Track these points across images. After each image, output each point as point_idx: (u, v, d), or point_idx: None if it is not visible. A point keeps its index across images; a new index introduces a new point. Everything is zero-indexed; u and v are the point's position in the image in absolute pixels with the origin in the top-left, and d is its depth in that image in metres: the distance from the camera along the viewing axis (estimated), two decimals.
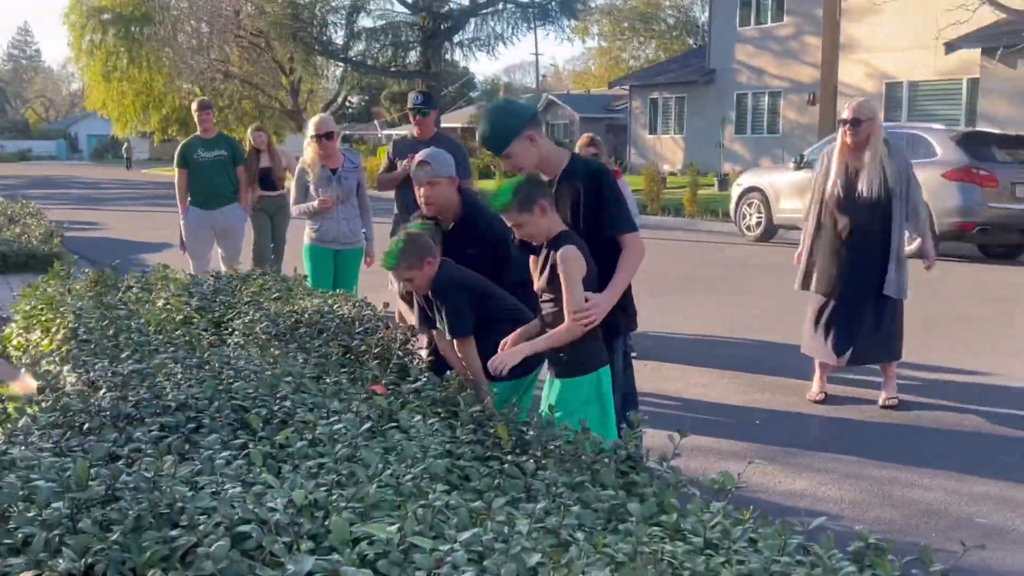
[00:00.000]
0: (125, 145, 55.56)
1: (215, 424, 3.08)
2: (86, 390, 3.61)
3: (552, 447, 3.06)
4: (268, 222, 8.58)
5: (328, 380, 3.70)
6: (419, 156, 4.53)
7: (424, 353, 4.29)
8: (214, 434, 2.97)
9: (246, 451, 2.80)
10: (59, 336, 5.17)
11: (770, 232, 15.13)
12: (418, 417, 3.23)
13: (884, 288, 5.71)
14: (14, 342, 6.15)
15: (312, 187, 6.66)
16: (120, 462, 2.70)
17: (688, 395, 6.15)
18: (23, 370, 5.91)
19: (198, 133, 8.52)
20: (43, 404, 3.44)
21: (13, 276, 10.46)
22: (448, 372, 3.85)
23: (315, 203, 6.56)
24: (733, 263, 12.67)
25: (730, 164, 28.01)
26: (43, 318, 5.72)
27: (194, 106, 8.59)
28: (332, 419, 3.08)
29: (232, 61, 35.66)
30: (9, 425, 3.23)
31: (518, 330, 3.83)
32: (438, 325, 4.07)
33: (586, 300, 3.48)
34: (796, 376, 6.55)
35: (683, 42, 48.09)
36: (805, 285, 6.05)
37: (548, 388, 3.71)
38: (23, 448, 2.81)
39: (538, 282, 3.64)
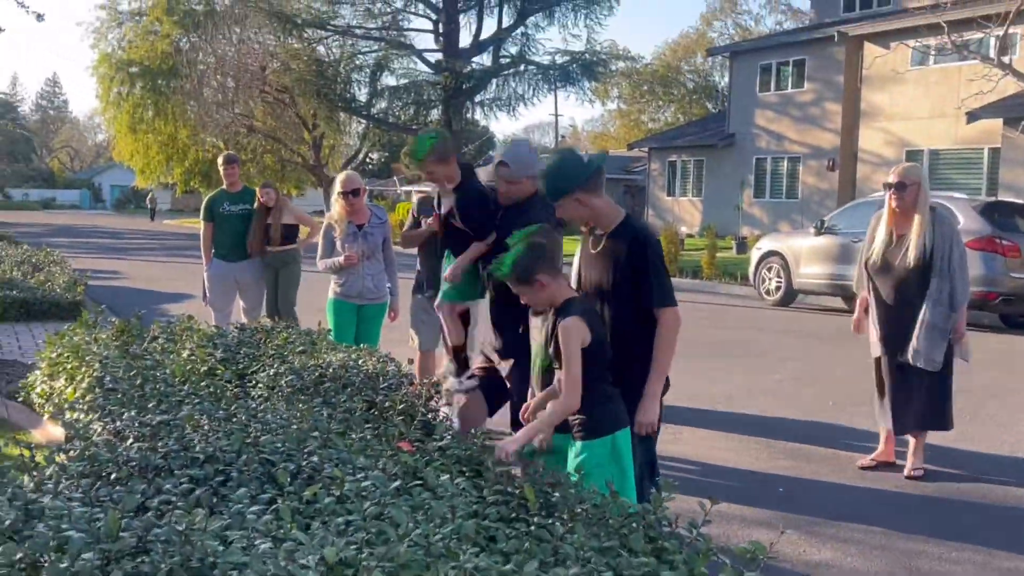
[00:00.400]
0: (149, 196, 55.94)
1: (243, 478, 3.08)
2: (113, 440, 3.62)
3: (579, 510, 3.04)
4: (275, 277, 8.53)
5: (354, 435, 3.69)
6: (498, 155, 4.58)
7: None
8: (242, 488, 2.97)
9: (274, 506, 2.80)
10: (84, 385, 5.19)
11: (790, 297, 15.10)
12: (445, 476, 3.21)
13: (911, 358, 5.65)
14: (38, 389, 6.18)
15: (338, 242, 6.71)
16: (149, 514, 2.70)
17: (710, 460, 6.09)
18: (45, 418, 5.93)
19: (224, 187, 8.61)
20: (71, 453, 3.45)
21: (36, 324, 10.54)
22: (474, 429, 3.84)
23: (340, 259, 6.61)
24: (753, 327, 12.64)
25: (748, 227, 28.08)
26: (68, 366, 5.74)
27: (220, 160, 8.70)
28: (359, 475, 3.07)
29: (256, 116, 36.09)
30: (36, 473, 3.23)
31: (541, 393, 3.80)
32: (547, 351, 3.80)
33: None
34: (819, 444, 6.51)
35: (702, 106, 48.52)
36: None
37: (569, 450, 3.70)
38: (52, 497, 2.81)
39: (549, 348, 3.61)
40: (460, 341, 4.91)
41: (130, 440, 3.56)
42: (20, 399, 6.46)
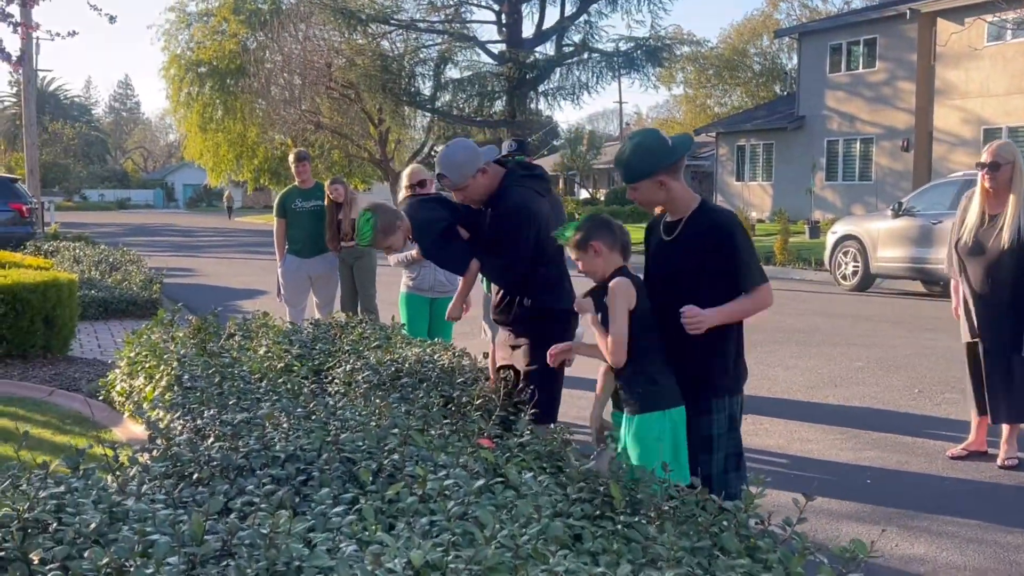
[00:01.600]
0: (226, 194, 56.49)
1: (325, 477, 3.05)
2: (194, 438, 3.62)
3: (667, 507, 2.95)
4: (349, 272, 8.53)
5: (433, 432, 3.65)
6: (437, 168, 4.24)
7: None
8: (325, 488, 2.93)
9: (357, 506, 2.76)
10: (163, 383, 5.25)
11: (867, 281, 14.73)
12: (529, 473, 3.14)
13: (1021, 347, 5.42)
14: (118, 387, 6.27)
15: None
16: (232, 515, 2.68)
17: (792, 451, 5.94)
18: (126, 415, 6.01)
19: (296, 183, 8.66)
20: (154, 452, 3.45)
21: (114, 322, 10.75)
22: (553, 425, 3.76)
23: (413, 251, 6.57)
24: (830, 313, 12.34)
25: (820, 211, 27.55)
26: (147, 365, 5.81)
27: (292, 157, 8.74)
28: (441, 474, 3.02)
29: (323, 112, 36.39)
30: (119, 473, 3.24)
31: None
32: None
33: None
34: (906, 433, 6.31)
35: (769, 89, 47.70)
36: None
37: (624, 427, 3.65)
38: (136, 500, 2.81)
39: (594, 322, 3.67)
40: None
41: (211, 439, 3.55)
42: (101, 397, 6.56)
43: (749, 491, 2.94)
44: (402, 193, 6.83)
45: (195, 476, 3.18)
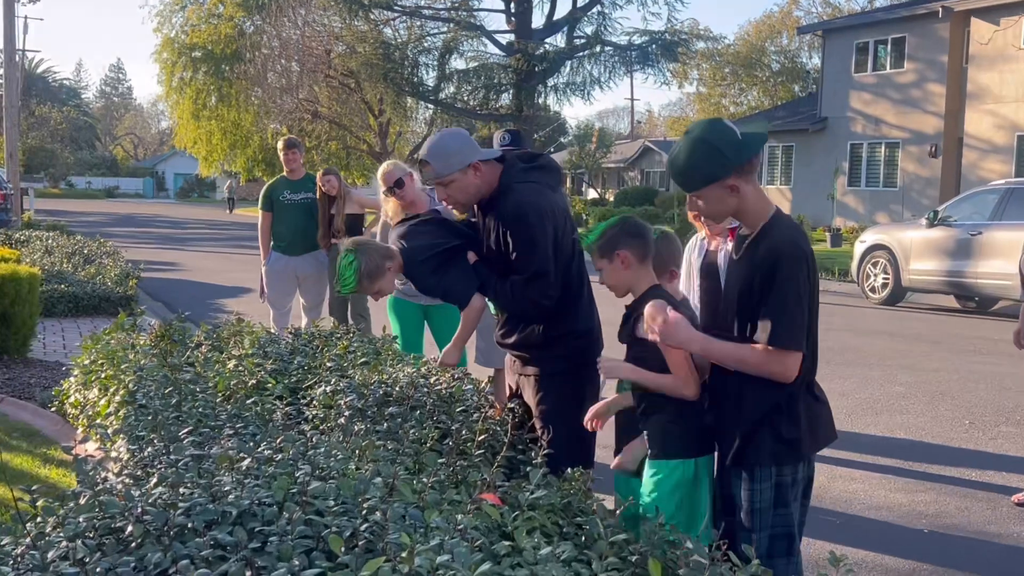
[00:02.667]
0: (228, 183, 54.72)
1: (285, 546, 2.34)
2: (139, 475, 2.98)
3: None
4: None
5: (425, 480, 2.92)
6: (422, 153, 3.56)
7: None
8: (283, 562, 2.25)
9: None
10: (117, 398, 4.57)
11: (898, 295, 13.86)
12: (546, 547, 2.44)
13: None
14: (71, 398, 5.57)
15: None
16: None
17: (835, 494, 5.20)
18: (79, 431, 5.31)
19: (284, 174, 7.94)
20: (81, 500, 2.74)
21: (84, 319, 10.00)
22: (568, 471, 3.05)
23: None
24: (860, 330, 11.46)
25: (842, 218, 26.58)
26: (103, 375, 5.10)
27: (280, 145, 8.02)
28: (433, 542, 2.32)
29: (321, 101, 35.30)
30: (31, 526, 2.57)
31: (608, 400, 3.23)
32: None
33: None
34: (962, 472, 5.63)
35: (788, 89, 46.67)
36: None
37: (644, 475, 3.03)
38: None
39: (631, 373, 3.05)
40: None
41: (153, 480, 2.84)
42: (53, 408, 5.86)
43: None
44: (383, 199, 6.02)
45: (127, 530, 2.48)
